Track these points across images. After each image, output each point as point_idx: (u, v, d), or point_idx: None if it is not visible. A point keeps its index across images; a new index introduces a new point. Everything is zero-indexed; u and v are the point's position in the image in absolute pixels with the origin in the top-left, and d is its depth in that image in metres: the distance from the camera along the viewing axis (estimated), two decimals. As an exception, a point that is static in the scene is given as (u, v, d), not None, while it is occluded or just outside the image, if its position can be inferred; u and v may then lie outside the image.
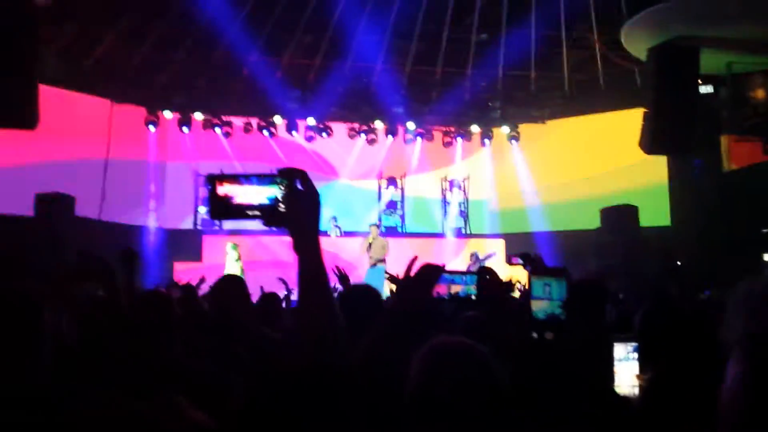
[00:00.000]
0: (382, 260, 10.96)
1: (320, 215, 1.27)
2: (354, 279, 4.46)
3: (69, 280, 2.57)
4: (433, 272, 1.72)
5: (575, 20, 11.13)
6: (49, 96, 8.18)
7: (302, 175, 1.27)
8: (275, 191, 1.25)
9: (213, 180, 1.27)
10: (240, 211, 1.26)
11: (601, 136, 12.33)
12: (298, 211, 1.25)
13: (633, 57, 9.35)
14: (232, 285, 3.11)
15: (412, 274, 1.72)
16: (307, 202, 1.25)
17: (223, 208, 1.26)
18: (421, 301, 1.74)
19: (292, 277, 3.22)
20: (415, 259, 1.78)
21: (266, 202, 1.25)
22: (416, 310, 1.74)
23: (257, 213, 1.25)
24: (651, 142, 8.30)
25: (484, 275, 1.84)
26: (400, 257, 10.56)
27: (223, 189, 1.26)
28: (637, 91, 10.37)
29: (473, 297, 1.87)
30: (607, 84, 11.91)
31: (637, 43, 8.58)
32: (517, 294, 5.40)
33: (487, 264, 10.72)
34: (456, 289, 1.93)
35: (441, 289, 1.91)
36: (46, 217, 8.80)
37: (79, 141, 11.29)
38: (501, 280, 1.87)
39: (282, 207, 1.25)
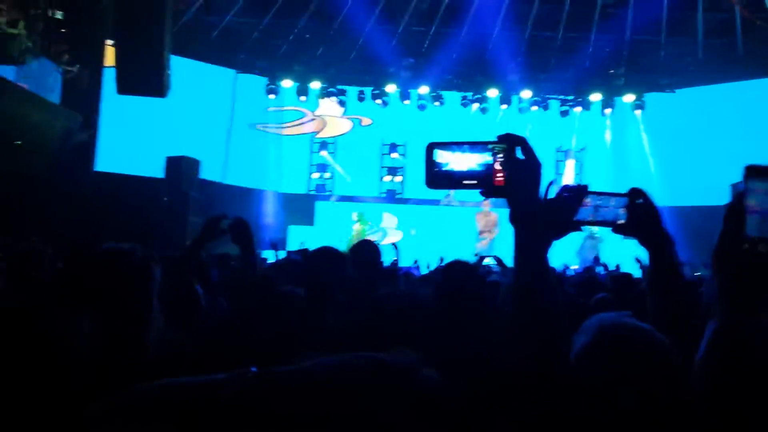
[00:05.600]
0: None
1: (541, 185, 1.17)
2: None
3: (201, 242, 2.44)
4: (575, 193, 1.47)
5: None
6: (178, 65, 8.72)
7: (523, 143, 1.17)
8: (488, 158, 1.17)
9: (431, 148, 1.20)
10: (456, 181, 1.20)
11: (735, 107, 11.33)
12: (517, 181, 1.16)
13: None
14: (330, 255, 3.02)
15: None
16: (528, 172, 1.16)
17: (439, 177, 1.20)
18: (564, 227, 1.47)
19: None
20: (551, 183, 1.60)
21: (479, 169, 1.18)
22: (558, 236, 1.49)
23: (474, 182, 1.18)
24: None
25: (635, 197, 1.54)
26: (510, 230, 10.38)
27: (439, 157, 1.20)
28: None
29: (620, 222, 1.54)
30: (747, 50, 10.84)
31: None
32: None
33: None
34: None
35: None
36: (175, 179, 9.48)
37: (205, 108, 11.99)
38: (656, 206, 1.53)
39: (500, 176, 1.17)
